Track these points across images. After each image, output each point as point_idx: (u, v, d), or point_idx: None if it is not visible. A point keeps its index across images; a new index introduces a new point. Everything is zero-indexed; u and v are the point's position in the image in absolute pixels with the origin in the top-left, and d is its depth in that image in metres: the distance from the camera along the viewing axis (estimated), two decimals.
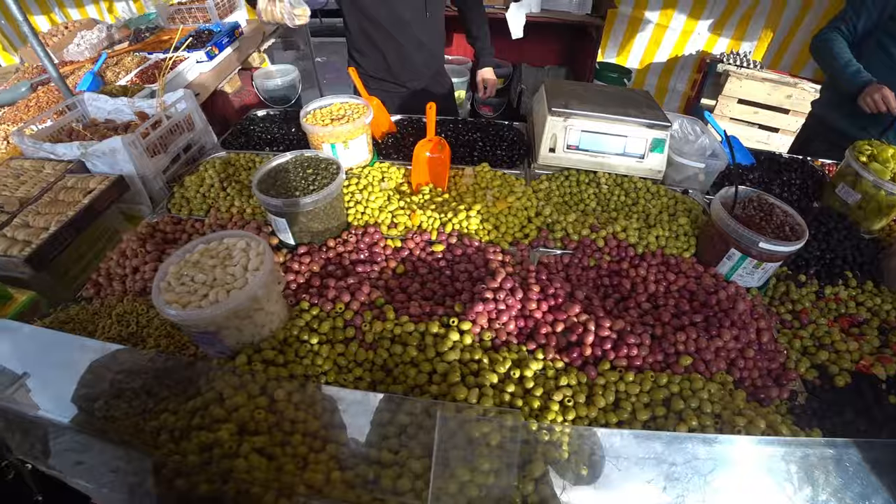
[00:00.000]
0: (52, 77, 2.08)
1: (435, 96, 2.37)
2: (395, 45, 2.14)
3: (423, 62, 2.28)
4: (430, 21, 2.15)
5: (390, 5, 2.01)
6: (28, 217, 1.58)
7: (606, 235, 1.46)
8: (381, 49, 2.17)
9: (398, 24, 2.07)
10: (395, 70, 2.24)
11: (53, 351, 1.18)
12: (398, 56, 2.19)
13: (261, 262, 1.03)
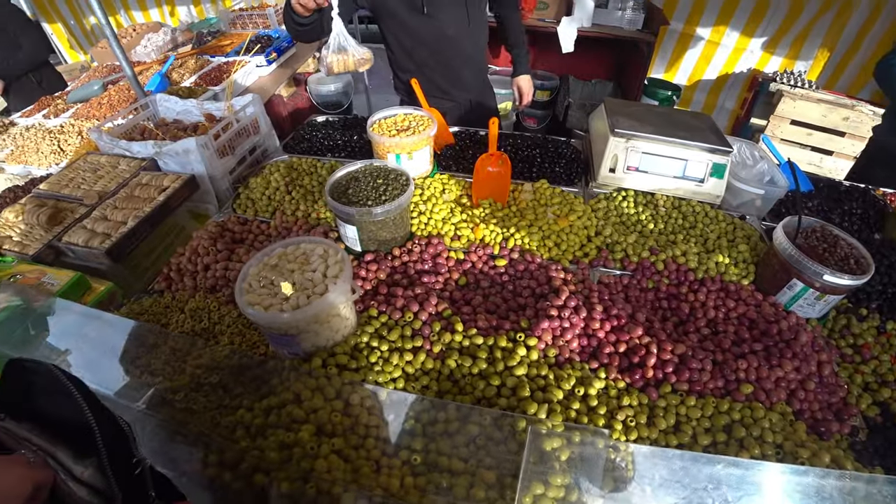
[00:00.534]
0: (127, 77, 2.20)
1: (483, 108, 2.42)
2: (442, 62, 2.16)
3: (472, 76, 2.30)
4: (474, 34, 2.16)
5: (434, 23, 2.02)
6: (106, 211, 1.66)
7: (666, 259, 1.46)
8: (428, 67, 2.17)
9: (444, 41, 2.09)
10: (444, 86, 2.26)
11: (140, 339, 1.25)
12: (446, 72, 2.20)
13: (340, 269, 1.07)
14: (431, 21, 2.00)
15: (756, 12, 3.71)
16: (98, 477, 0.69)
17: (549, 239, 1.47)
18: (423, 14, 1.96)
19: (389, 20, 2.05)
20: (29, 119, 2.82)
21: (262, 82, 2.79)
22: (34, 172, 2.29)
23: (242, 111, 1.89)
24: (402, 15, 1.99)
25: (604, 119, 1.80)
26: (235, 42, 3.17)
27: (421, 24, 2.01)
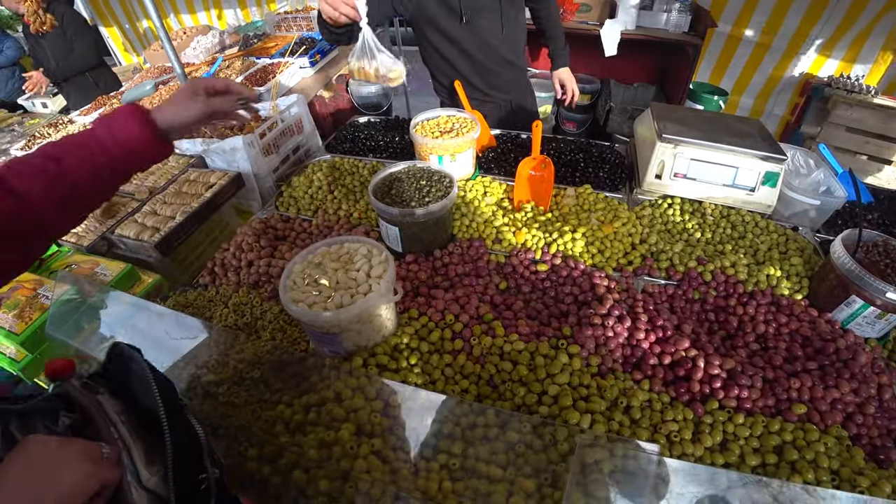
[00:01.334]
0: (178, 77, 2.27)
1: (524, 111, 2.40)
2: (480, 66, 2.15)
3: (511, 78, 2.29)
4: (512, 37, 2.15)
5: (473, 30, 2.02)
6: (156, 206, 1.72)
7: (714, 270, 1.41)
8: (468, 71, 2.17)
9: (483, 46, 2.08)
10: (483, 89, 2.26)
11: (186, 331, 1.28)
12: (485, 76, 2.20)
13: (383, 269, 1.07)
14: (471, 28, 2.00)
15: (811, 13, 3.55)
16: (162, 486, 0.68)
17: (593, 245, 1.44)
18: (461, 22, 1.97)
19: (428, 27, 2.06)
20: (86, 117, 2.95)
21: (305, 83, 2.84)
22: None
23: (287, 111, 1.93)
24: (442, 22, 2.00)
25: (650, 124, 1.75)
26: (280, 44, 3.24)
27: (460, 32, 2.02)
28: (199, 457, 0.78)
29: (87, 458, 0.63)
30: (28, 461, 0.59)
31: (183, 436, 0.76)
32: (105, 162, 0.93)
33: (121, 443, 0.68)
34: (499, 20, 2.02)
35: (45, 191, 0.86)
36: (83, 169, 0.91)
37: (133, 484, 0.66)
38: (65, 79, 3.61)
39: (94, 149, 0.92)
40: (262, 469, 1.04)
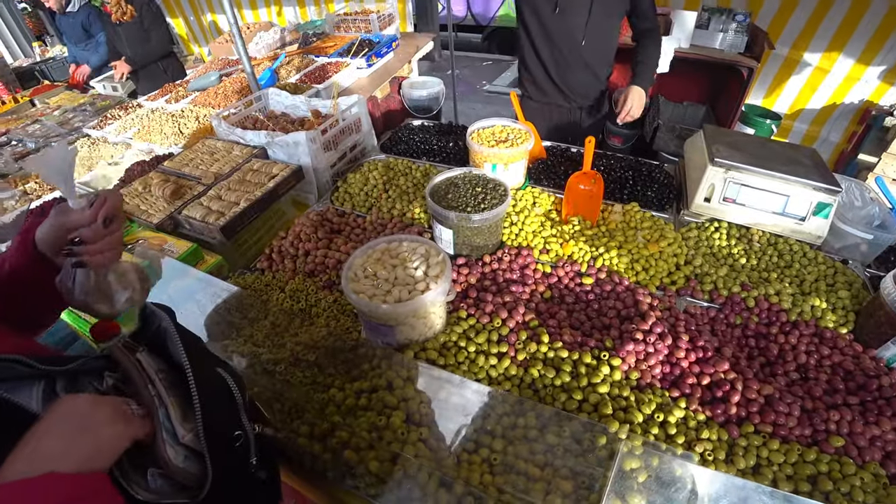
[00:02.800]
0: (245, 71, 2.39)
1: (593, 124, 2.50)
2: (562, 63, 2.26)
3: (587, 84, 2.38)
4: (595, 42, 2.21)
5: (563, 23, 2.12)
6: (220, 191, 1.83)
7: (758, 296, 1.42)
8: (549, 65, 2.29)
9: (567, 41, 2.18)
10: (561, 87, 2.36)
11: (244, 310, 1.37)
12: (563, 74, 2.31)
13: (440, 270, 1.13)
14: (563, 18, 2.12)
15: (877, 38, 3.44)
16: (196, 442, 0.71)
17: (638, 263, 1.47)
18: (554, 12, 2.10)
19: (527, 10, 2.19)
20: (154, 102, 3.13)
21: (361, 83, 2.94)
22: (156, 150, 2.55)
23: (348, 110, 2.02)
24: (539, 8, 2.14)
25: (702, 146, 1.76)
26: (338, 44, 3.35)
27: (552, 20, 2.14)
28: (234, 413, 0.81)
29: (118, 418, 0.66)
30: (60, 419, 0.61)
31: (214, 392, 0.78)
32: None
33: (157, 399, 0.71)
34: (586, 17, 2.10)
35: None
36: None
37: (168, 441, 0.69)
38: (141, 66, 3.83)
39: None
40: (312, 446, 1.11)
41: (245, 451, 0.80)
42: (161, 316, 0.80)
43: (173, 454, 0.69)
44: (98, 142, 2.85)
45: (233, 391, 0.83)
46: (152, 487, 0.68)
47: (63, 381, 0.73)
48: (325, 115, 2.15)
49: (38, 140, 3.19)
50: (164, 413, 0.71)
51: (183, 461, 0.69)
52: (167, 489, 0.69)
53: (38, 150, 3.07)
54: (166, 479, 0.69)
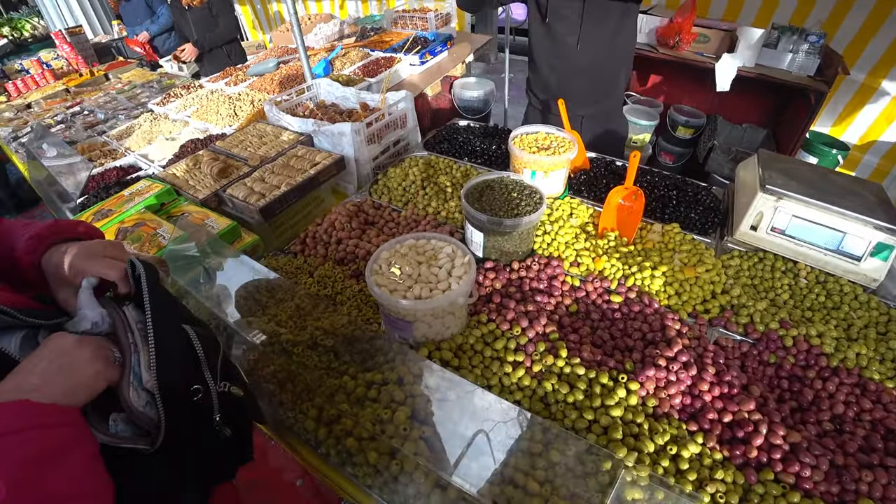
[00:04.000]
0: (301, 61, 2.45)
1: (605, 135, 2.40)
2: (556, 70, 2.23)
3: (587, 92, 2.26)
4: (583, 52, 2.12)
5: (551, 32, 2.10)
6: (264, 174, 1.88)
7: (797, 336, 1.33)
8: (546, 71, 2.26)
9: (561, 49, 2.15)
10: (555, 92, 2.28)
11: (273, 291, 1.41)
12: (558, 82, 2.26)
13: (464, 271, 1.12)
14: (550, 29, 2.10)
15: None
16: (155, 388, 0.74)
17: (671, 286, 1.41)
18: (543, 22, 2.08)
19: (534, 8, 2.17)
20: (214, 84, 3.27)
21: (413, 80, 2.97)
22: (211, 130, 2.66)
23: (395, 105, 2.04)
24: (532, 18, 2.16)
25: (755, 171, 1.67)
26: (395, 40, 3.40)
27: (541, 30, 2.13)
28: (196, 368, 0.83)
29: (99, 358, 0.70)
30: (45, 355, 0.66)
31: (175, 345, 0.81)
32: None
33: (132, 346, 0.75)
34: (578, 24, 2.04)
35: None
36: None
37: (134, 384, 0.72)
38: (208, 50, 4.01)
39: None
40: (318, 429, 1.14)
41: (207, 407, 0.83)
42: (137, 272, 0.82)
43: (136, 398, 0.72)
44: (159, 117, 3.00)
45: (195, 347, 0.86)
46: (111, 432, 0.71)
47: (46, 332, 0.77)
48: (373, 108, 2.18)
49: (108, 112, 3.39)
50: (136, 359, 0.75)
51: (144, 405, 0.73)
52: (128, 434, 0.72)
53: (106, 120, 3.27)
54: (128, 424, 0.73)
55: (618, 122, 2.47)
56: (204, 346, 0.87)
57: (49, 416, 0.58)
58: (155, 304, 0.78)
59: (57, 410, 0.59)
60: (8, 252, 0.94)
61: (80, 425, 0.62)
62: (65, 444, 0.58)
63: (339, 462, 1.06)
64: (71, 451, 0.58)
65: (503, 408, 1.04)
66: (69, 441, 0.59)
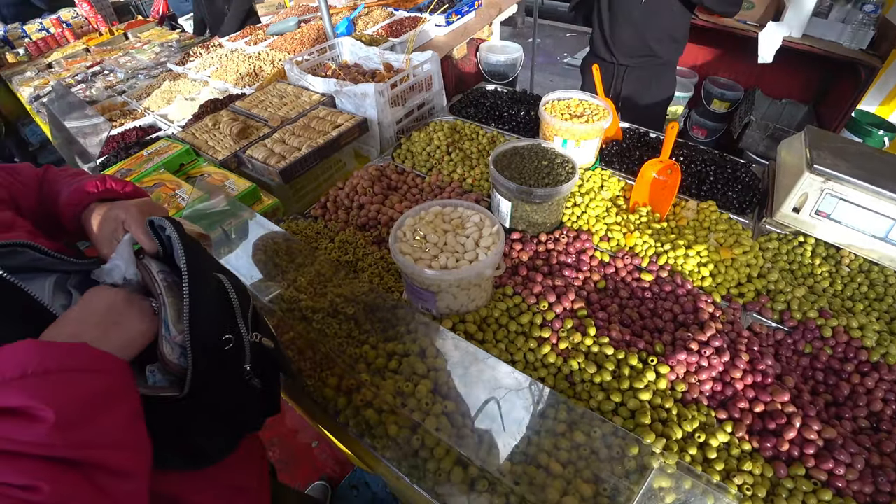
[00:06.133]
0: (323, 19, 2.37)
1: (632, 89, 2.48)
2: (612, 13, 2.32)
3: (635, 46, 2.36)
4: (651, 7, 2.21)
5: None
6: (285, 135, 1.83)
7: (836, 327, 1.26)
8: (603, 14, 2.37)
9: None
10: (609, 44, 2.41)
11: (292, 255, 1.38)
12: (612, 27, 2.36)
13: (493, 241, 1.07)
14: None
15: None
16: (183, 340, 0.74)
17: (706, 267, 1.34)
18: None
19: None
20: (234, 44, 3.19)
21: (438, 41, 2.85)
22: (231, 90, 2.59)
23: (420, 67, 1.95)
24: None
25: (801, 149, 1.57)
26: None
27: None
28: (229, 317, 0.84)
29: (147, 316, 0.73)
30: (98, 309, 0.69)
31: (210, 295, 0.81)
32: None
33: (161, 298, 0.76)
34: None
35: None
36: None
37: (166, 337, 0.73)
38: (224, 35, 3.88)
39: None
40: (337, 399, 1.12)
41: (237, 356, 0.83)
42: (167, 226, 0.82)
43: (169, 351, 0.73)
44: (179, 77, 2.95)
45: (229, 295, 0.86)
46: (150, 383, 0.73)
47: (76, 278, 0.79)
48: (398, 69, 2.10)
49: (128, 71, 3.35)
50: (164, 312, 0.75)
51: (178, 357, 0.74)
52: (164, 383, 0.73)
53: (126, 80, 3.22)
54: (164, 373, 0.74)
55: (665, 85, 2.52)
56: (239, 297, 0.87)
57: (104, 364, 0.60)
58: (190, 262, 0.77)
59: (111, 359, 0.61)
60: (52, 198, 0.96)
61: (129, 379, 0.63)
62: (114, 392, 0.60)
63: (358, 433, 1.05)
64: (118, 401, 0.60)
65: (528, 385, 1.01)
66: (118, 390, 0.61)
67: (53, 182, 1.00)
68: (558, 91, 1.70)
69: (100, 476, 0.54)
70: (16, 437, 0.50)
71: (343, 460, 2.33)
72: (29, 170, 1.03)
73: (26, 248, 0.73)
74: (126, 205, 0.87)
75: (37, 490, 0.48)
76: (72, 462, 0.52)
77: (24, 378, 0.53)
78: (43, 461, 0.50)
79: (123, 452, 0.58)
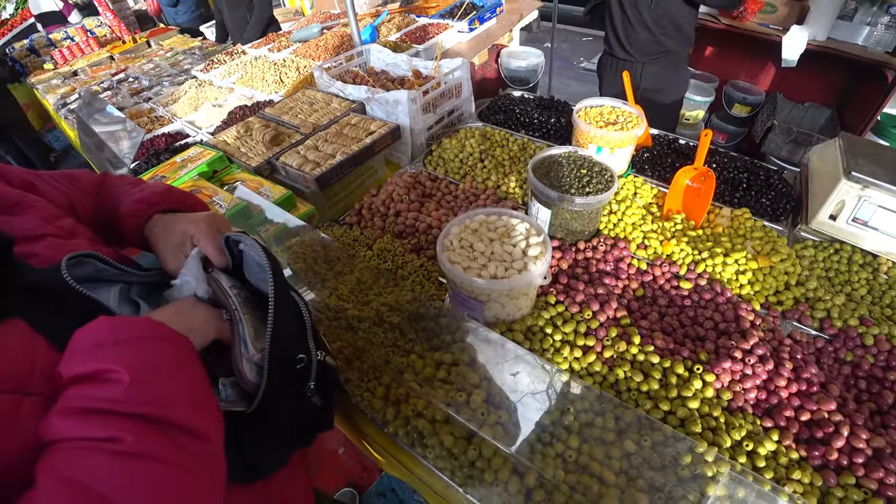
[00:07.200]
0: (350, 26, 2.39)
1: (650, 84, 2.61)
2: (622, 16, 2.49)
3: (644, 38, 2.50)
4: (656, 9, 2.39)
5: None
6: (318, 142, 1.86)
7: (878, 335, 1.25)
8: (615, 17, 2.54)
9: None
10: (623, 42, 2.57)
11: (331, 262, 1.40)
12: (625, 24, 2.52)
13: (541, 251, 1.09)
14: None
15: None
16: (261, 359, 0.77)
17: (744, 275, 1.35)
18: None
19: None
20: (257, 51, 3.23)
21: (460, 48, 2.87)
22: (257, 97, 2.63)
23: (451, 74, 1.97)
24: None
25: (836, 156, 1.56)
26: (441, 5, 3.28)
27: None
28: (302, 337, 0.86)
29: (213, 314, 0.78)
30: (170, 307, 0.75)
31: (289, 316, 0.83)
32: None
33: (237, 314, 0.78)
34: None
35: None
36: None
37: (245, 354, 0.76)
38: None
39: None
40: (386, 409, 1.13)
41: (305, 375, 0.86)
42: (242, 240, 0.85)
43: (247, 367, 0.75)
44: (204, 84, 2.99)
45: (303, 315, 0.88)
46: (221, 397, 0.74)
47: (138, 289, 0.81)
48: (426, 76, 2.12)
49: (152, 78, 3.40)
50: (241, 328, 0.77)
51: (255, 375, 0.76)
52: (234, 398, 0.75)
53: (150, 87, 3.27)
54: (236, 387, 0.76)
55: (676, 86, 2.66)
56: (308, 313, 0.89)
57: (168, 333, 0.64)
58: (276, 282, 0.80)
59: (175, 332, 0.65)
60: (111, 206, 0.98)
61: (193, 351, 0.66)
62: (180, 359, 0.63)
63: (409, 443, 1.06)
64: (186, 367, 0.63)
65: (581, 392, 1.01)
66: (184, 358, 0.64)
67: (112, 189, 1.02)
68: (590, 98, 1.71)
69: (176, 434, 0.56)
70: (97, 395, 0.54)
71: (369, 466, 2.34)
72: (87, 176, 1.05)
73: (91, 259, 0.75)
74: (194, 218, 0.89)
75: (120, 441, 0.51)
76: (150, 418, 0.55)
77: (99, 348, 0.57)
78: (124, 417, 0.53)
79: (196, 413, 0.61)
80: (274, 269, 0.81)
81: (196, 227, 0.86)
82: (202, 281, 0.81)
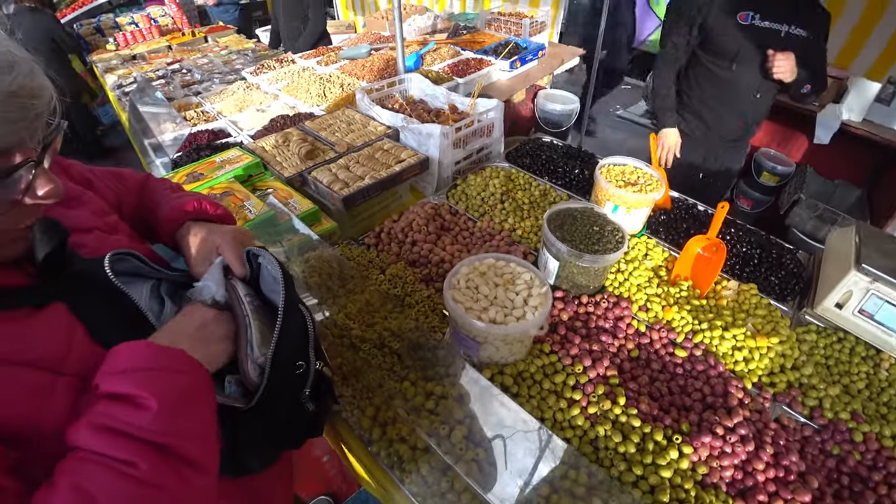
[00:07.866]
0: (397, 54, 2.51)
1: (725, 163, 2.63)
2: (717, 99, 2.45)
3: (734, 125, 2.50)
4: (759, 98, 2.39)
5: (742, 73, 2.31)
6: (350, 162, 1.95)
7: (868, 433, 1.26)
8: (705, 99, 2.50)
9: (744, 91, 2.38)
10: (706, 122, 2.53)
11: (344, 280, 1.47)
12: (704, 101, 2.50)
13: (541, 302, 1.14)
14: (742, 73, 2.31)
15: None
16: (264, 363, 0.83)
17: (740, 351, 1.37)
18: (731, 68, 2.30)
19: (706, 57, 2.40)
20: (307, 61, 3.38)
21: (499, 85, 2.97)
22: (300, 107, 2.75)
23: (485, 113, 2.05)
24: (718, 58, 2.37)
25: (850, 244, 1.58)
26: (487, 41, 3.40)
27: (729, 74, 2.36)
28: (304, 347, 0.92)
29: (229, 336, 0.83)
30: (191, 324, 0.80)
31: (294, 326, 0.90)
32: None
33: (247, 320, 0.85)
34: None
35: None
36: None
37: (251, 356, 0.82)
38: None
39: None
40: (373, 429, 1.18)
41: (302, 381, 0.92)
42: (260, 254, 0.93)
43: (252, 369, 0.82)
44: (251, 87, 3.14)
45: (307, 328, 0.94)
46: (226, 392, 0.81)
47: (166, 286, 0.89)
48: (461, 112, 2.21)
49: (204, 73, 3.58)
50: (249, 332, 0.84)
51: (257, 375, 0.83)
52: (237, 394, 0.82)
53: (202, 81, 3.45)
54: (240, 385, 0.83)
55: (736, 158, 2.68)
56: (313, 325, 0.96)
57: (194, 367, 0.70)
58: (287, 295, 0.88)
59: (199, 365, 0.71)
60: (150, 207, 1.09)
61: (211, 385, 0.73)
62: (200, 392, 0.70)
63: (389, 464, 1.11)
64: (203, 401, 0.70)
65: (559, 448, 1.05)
66: (203, 390, 0.71)
67: (153, 192, 1.13)
68: (615, 157, 1.76)
69: (184, 467, 0.62)
70: (123, 418, 0.59)
71: (350, 478, 2.38)
72: (132, 176, 1.17)
73: (131, 257, 0.83)
74: (222, 231, 0.98)
75: (135, 466, 0.57)
76: (166, 449, 0.61)
77: (135, 371, 0.63)
78: (144, 444, 0.59)
79: (205, 447, 0.67)
80: (286, 283, 0.89)
81: (223, 238, 0.95)
82: (221, 286, 0.88)
